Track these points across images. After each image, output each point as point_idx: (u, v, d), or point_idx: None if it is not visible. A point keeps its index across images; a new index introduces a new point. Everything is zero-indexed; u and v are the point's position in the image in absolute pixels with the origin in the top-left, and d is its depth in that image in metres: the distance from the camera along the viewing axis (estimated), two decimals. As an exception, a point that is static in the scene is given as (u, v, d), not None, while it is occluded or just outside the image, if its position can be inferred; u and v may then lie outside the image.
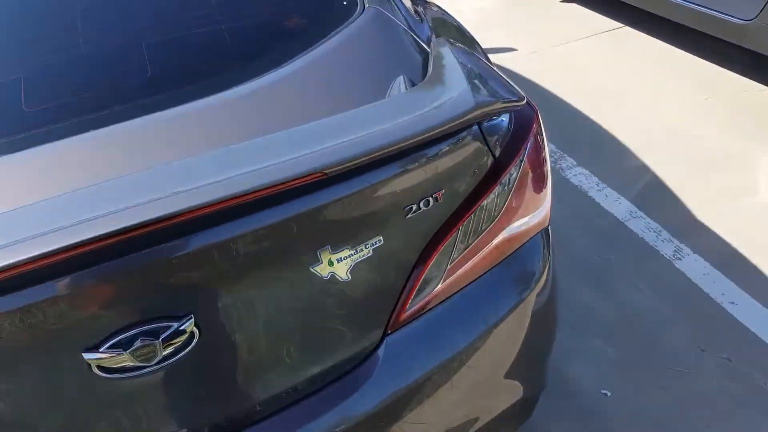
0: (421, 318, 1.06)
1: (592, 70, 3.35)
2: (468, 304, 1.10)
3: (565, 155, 2.69)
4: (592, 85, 3.21)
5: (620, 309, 1.97)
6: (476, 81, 0.99)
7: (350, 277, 0.96)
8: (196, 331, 0.88)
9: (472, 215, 1.05)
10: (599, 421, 1.67)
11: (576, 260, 2.14)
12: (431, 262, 1.03)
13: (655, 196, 2.41)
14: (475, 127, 1.01)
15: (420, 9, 1.48)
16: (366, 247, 0.96)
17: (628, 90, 3.13)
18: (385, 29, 1.22)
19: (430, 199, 0.99)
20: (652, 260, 2.13)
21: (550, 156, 2.69)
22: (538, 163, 1.16)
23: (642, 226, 2.27)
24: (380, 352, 1.03)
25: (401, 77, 1.09)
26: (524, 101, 0.99)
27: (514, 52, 3.65)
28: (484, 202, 1.06)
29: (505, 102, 0.96)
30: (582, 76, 3.30)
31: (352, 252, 0.95)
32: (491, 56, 3.65)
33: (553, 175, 2.57)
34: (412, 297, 1.04)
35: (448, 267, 1.06)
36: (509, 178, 1.09)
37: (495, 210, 1.08)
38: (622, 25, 3.80)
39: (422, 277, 1.03)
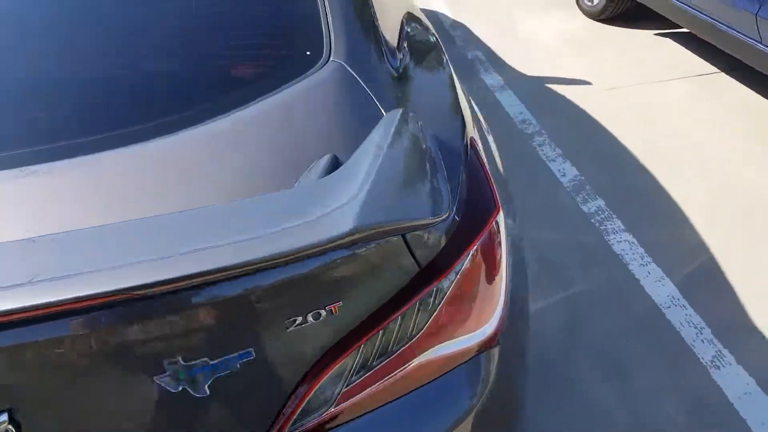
0: (309, 442, 0.89)
1: (671, 119, 2.97)
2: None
3: (614, 216, 2.38)
4: (667, 136, 2.84)
5: (638, 420, 1.67)
6: (391, 185, 0.79)
7: (210, 392, 0.80)
8: (12, 429, 0.77)
9: (380, 333, 0.86)
10: None
11: (593, 348, 1.86)
12: (320, 383, 0.85)
13: (706, 283, 2.06)
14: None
15: (412, 61, 1.29)
16: (230, 361, 0.80)
17: (708, 148, 2.74)
18: (339, 92, 1.05)
19: (323, 311, 0.81)
20: (685, 363, 1.81)
21: (597, 214, 2.39)
22: (485, 276, 0.95)
23: (682, 317, 1.94)
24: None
25: (327, 158, 0.91)
26: (442, 217, 0.79)
27: (588, 86, 3.32)
28: (398, 319, 0.87)
29: (412, 221, 0.76)
30: (657, 124, 2.93)
31: (211, 366, 0.79)
32: (561, 87, 3.36)
33: (594, 238, 2.28)
34: (293, 420, 0.86)
35: (343, 390, 0.87)
36: (436, 293, 0.89)
37: (413, 329, 0.89)
38: (718, 70, 3.36)
39: (306, 399, 0.86)
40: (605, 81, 3.36)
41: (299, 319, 0.80)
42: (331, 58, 1.13)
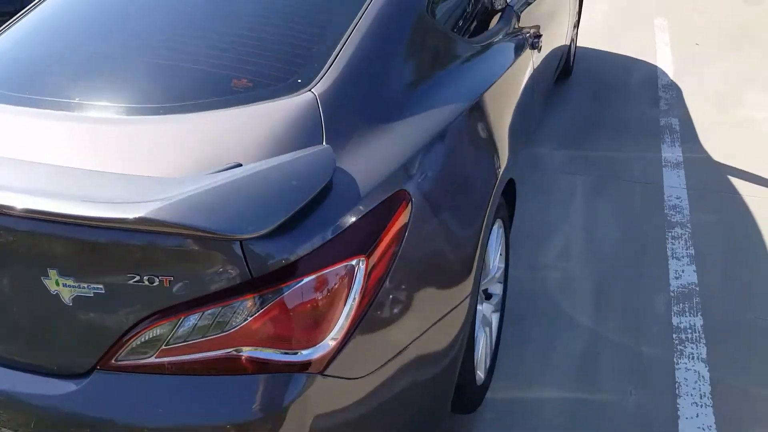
0: (135, 375, 1.08)
1: None
2: (178, 392, 1.07)
3: (702, 341, 2.04)
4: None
5: None
6: (212, 197, 0.96)
7: (72, 304, 1.06)
8: None
9: (200, 314, 1.02)
10: None
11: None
12: (145, 332, 1.05)
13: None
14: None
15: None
16: (88, 288, 1.04)
17: None
18: (287, 121, 1.20)
19: (157, 278, 1.00)
20: None
21: (684, 331, 2.08)
22: (318, 305, 1.03)
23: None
24: (86, 378, 1.10)
25: (230, 165, 1.09)
26: (235, 237, 0.94)
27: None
28: (217, 309, 1.02)
29: (202, 230, 0.92)
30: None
31: (75, 285, 1.04)
32: (745, 185, 2.96)
33: (661, 354, 2.00)
34: (120, 352, 1.07)
35: (163, 347, 1.05)
36: (256, 302, 1.01)
37: (227, 324, 1.03)
38: None
39: (132, 341, 1.06)
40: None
41: (137, 277, 1.01)
42: (312, 90, 1.26)
